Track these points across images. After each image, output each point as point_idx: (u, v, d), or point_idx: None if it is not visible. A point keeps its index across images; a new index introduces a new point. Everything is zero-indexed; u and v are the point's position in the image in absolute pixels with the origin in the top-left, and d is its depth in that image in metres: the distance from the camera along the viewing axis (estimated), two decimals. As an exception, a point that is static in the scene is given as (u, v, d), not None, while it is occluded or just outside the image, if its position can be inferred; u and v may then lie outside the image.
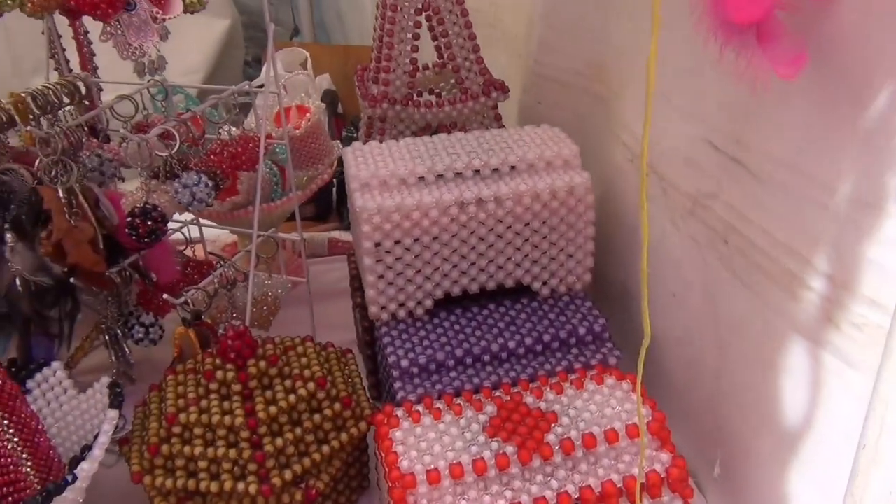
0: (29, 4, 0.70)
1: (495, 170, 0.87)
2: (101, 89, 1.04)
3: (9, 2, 0.72)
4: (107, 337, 0.95)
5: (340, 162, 1.26)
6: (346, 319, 1.16)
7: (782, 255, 0.63)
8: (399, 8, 1.02)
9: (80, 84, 0.98)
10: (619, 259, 0.94)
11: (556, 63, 1.09)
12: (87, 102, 0.99)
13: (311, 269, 1.19)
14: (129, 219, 0.80)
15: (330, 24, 2.85)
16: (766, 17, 0.52)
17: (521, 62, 1.23)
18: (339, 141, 1.23)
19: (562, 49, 1.07)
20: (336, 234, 1.36)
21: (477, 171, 0.86)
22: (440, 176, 0.86)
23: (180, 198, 0.82)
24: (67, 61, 1.02)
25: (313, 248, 1.32)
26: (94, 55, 1.03)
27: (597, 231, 0.88)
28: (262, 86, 1.86)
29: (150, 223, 0.80)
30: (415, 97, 1.07)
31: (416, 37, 1.05)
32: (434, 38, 1.08)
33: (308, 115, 1.15)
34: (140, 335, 0.95)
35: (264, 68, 2.10)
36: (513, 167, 0.87)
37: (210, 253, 1.20)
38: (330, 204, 1.45)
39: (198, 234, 1.11)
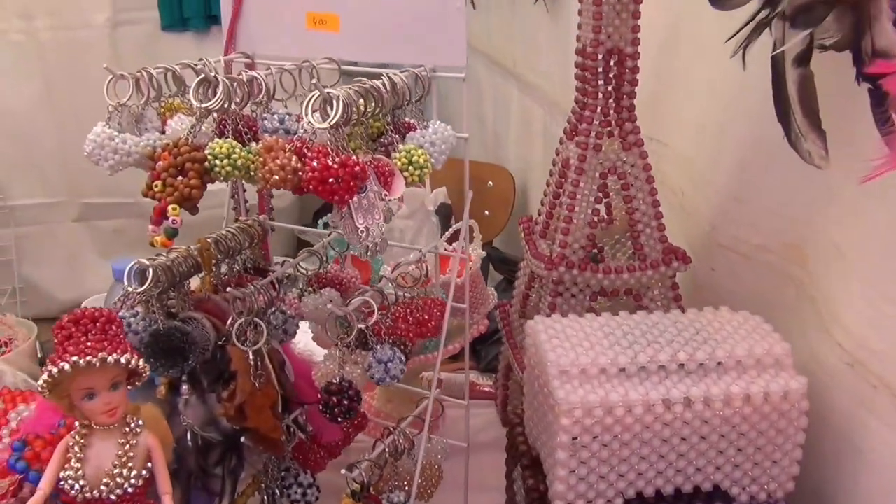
0: (262, 182, 0.69)
1: (701, 364, 0.81)
2: (272, 229, 1.03)
3: (236, 172, 0.71)
4: (264, 496, 0.91)
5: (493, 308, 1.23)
6: (495, 479, 1.10)
7: None
8: (585, 170, 1.00)
9: (258, 228, 0.97)
10: (823, 467, 0.86)
11: (738, 235, 1.04)
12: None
13: (448, 414, 1.15)
14: (324, 395, 0.77)
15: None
16: None
17: (687, 220, 1.19)
18: (493, 289, 1.19)
19: (748, 223, 1.02)
20: (473, 375, 1.31)
21: (681, 365, 0.81)
22: (642, 367, 0.81)
23: (373, 373, 0.79)
24: (247, 201, 1.01)
25: (451, 391, 1.27)
26: (272, 196, 1.02)
27: (802, 435, 0.82)
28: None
29: (346, 402, 0.76)
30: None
31: (599, 200, 1.02)
32: (605, 196, 1.05)
33: (469, 263, 1.12)
34: (297, 496, 0.91)
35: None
36: (720, 363, 0.81)
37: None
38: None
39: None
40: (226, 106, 0.73)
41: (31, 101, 2.18)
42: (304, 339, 0.99)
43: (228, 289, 0.81)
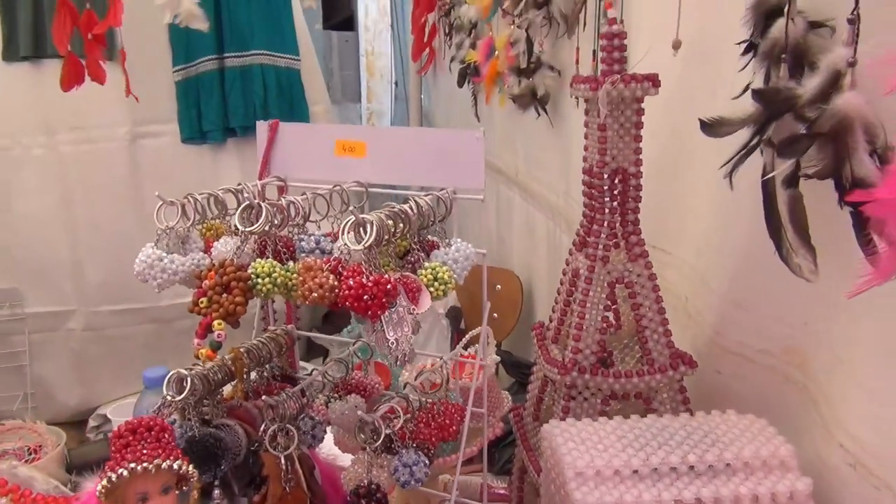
0: (301, 299, 0.75)
1: (710, 466, 0.86)
2: (298, 338, 1.08)
3: (276, 289, 0.77)
4: None
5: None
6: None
7: None
8: (593, 280, 1.06)
9: (286, 337, 1.02)
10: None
11: (741, 339, 1.10)
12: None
13: (464, 517, 1.17)
14: (352, 497, 0.81)
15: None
16: None
17: (690, 323, 1.25)
18: (507, 392, 1.24)
19: (749, 328, 1.08)
20: (487, 478, 1.34)
21: (691, 467, 0.85)
22: (654, 469, 0.85)
23: (399, 476, 0.83)
24: (275, 311, 1.07)
25: (465, 494, 1.30)
26: (298, 307, 1.08)
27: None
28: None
29: (374, 505, 0.80)
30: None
31: (608, 308, 1.07)
32: (613, 303, 1.11)
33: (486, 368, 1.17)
34: None
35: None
36: (728, 464, 0.86)
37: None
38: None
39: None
40: (266, 229, 0.80)
41: (48, 212, 2.23)
42: (328, 444, 1.03)
43: (264, 397, 0.86)
